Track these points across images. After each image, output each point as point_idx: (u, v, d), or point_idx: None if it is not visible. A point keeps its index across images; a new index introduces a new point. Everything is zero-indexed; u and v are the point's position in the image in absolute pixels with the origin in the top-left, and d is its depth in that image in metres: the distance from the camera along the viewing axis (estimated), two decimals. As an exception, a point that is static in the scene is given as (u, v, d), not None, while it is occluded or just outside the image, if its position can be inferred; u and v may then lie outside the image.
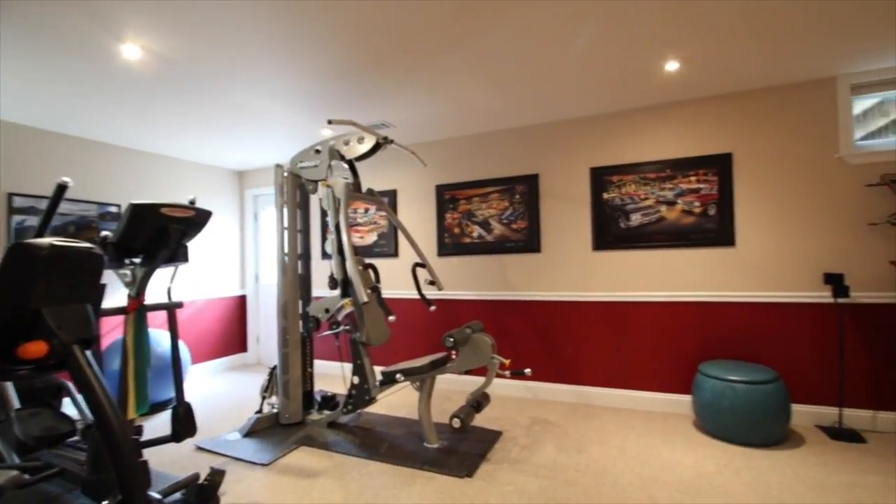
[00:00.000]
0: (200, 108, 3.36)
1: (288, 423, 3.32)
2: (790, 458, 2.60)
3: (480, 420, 3.36)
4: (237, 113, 3.47)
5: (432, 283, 3.36)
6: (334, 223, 3.07)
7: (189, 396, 4.15)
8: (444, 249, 4.27)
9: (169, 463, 2.76)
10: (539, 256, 3.88)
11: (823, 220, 3.05)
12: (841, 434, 2.87)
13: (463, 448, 2.83)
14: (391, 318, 2.78)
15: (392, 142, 3.07)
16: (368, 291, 2.85)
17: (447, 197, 4.26)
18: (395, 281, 4.52)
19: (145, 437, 2.90)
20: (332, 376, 4.73)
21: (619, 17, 2.22)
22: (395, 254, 4.54)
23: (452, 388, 4.21)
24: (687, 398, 3.38)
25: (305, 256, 3.56)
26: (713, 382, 2.90)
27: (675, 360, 3.43)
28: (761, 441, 2.76)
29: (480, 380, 4.08)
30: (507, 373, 2.84)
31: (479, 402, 2.84)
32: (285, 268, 3.35)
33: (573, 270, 3.76)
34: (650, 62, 2.73)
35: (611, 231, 3.60)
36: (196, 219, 2.13)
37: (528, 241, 3.90)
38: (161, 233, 2.06)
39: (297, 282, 3.40)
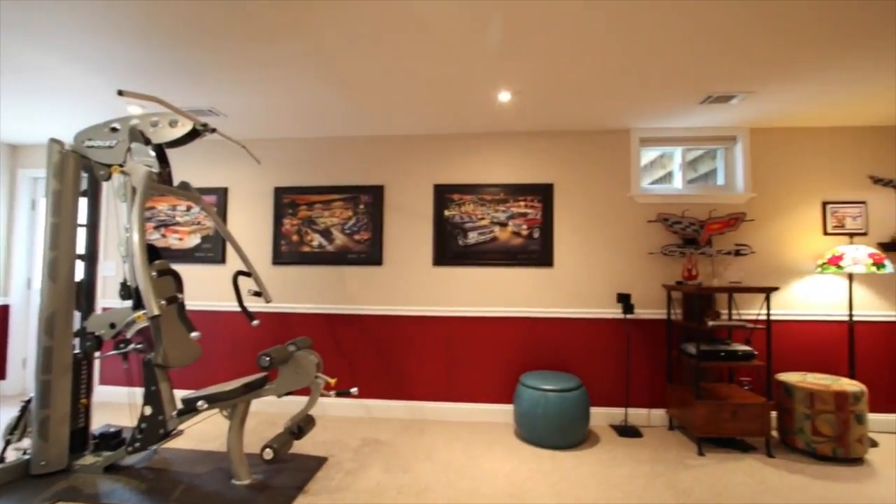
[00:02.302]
0: (-71, 50, 2.48)
1: (45, 472, 2.56)
2: (587, 457, 2.92)
3: (306, 445, 3.07)
4: (3, 65, 2.66)
5: (258, 294, 3.00)
6: (129, 219, 2.52)
7: None
8: (281, 258, 3.90)
9: None
10: (381, 270, 3.80)
11: (618, 248, 3.60)
12: (626, 431, 3.36)
13: (278, 481, 2.52)
14: (194, 334, 2.36)
15: (214, 130, 2.67)
16: (163, 303, 2.38)
17: (286, 201, 3.92)
18: (223, 291, 3.96)
19: None
20: (132, 406, 3.89)
21: (453, 40, 2.29)
22: (221, 260, 3.98)
23: (280, 411, 3.81)
24: (510, 408, 3.61)
25: (90, 258, 2.86)
26: (531, 392, 3.13)
27: (502, 372, 3.65)
28: (567, 443, 3.06)
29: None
30: (332, 393, 2.64)
31: (300, 426, 2.58)
32: (56, 271, 2.63)
33: (413, 285, 3.76)
34: (486, 89, 2.90)
35: (450, 247, 3.71)
36: None
37: (371, 254, 3.79)
38: None
39: (72, 289, 2.69)
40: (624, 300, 3.39)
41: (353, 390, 2.62)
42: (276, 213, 3.93)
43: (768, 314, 3.03)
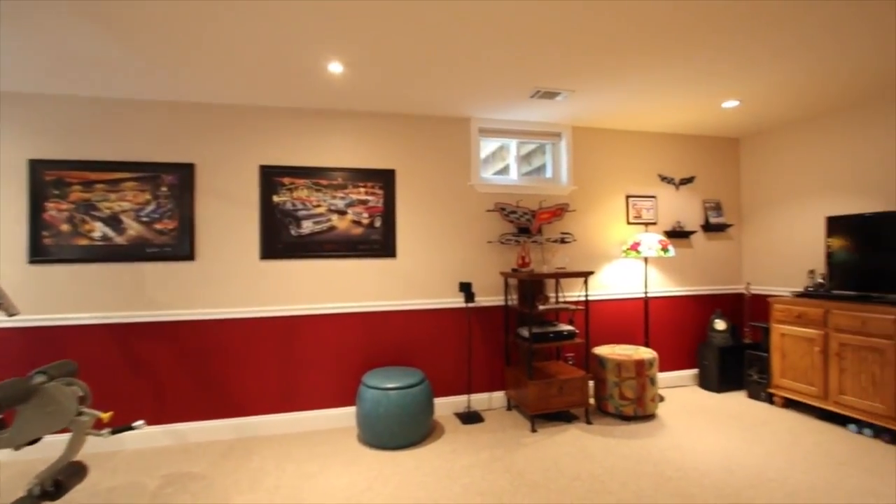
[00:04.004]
0: None
1: None
2: (430, 453, 2.84)
3: (80, 499, 2.35)
4: None
5: (-8, 306, 2.15)
6: None
7: None
8: (43, 254, 2.93)
9: None
10: (193, 265, 3.14)
11: (460, 237, 3.61)
12: (469, 417, 3.40)
13: (21, 562, 1.84)
14: None
15: None
16: None
17: (50, 179, 2.96)
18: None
19: None
20: None
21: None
22: (-60, 260, 2.83)
23: (45, 456, 2.90)
24: (354, 410, 3.36)
25: None
26: (372, 392, 2.92)
27: (344, 373, 3.37)
28: (411, 441, 2.94)
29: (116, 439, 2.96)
30: (106, 431, 2.03)
31: (58, 482, 1.92)
32: None
33: (237, 282, 3.21)
34: (313, 59, 2.53)
35: (281, 238, 3.25)
36: None
37: (178, 246, 3.11)
38: None
39: None
40: (466, 289, 3.41)
41: (138, 423, 2.05)
42: (33, 195, 2.93)
43: (586, 296, 3.35)
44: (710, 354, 3.99)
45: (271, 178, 3.24)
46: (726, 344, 3.97)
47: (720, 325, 4.01)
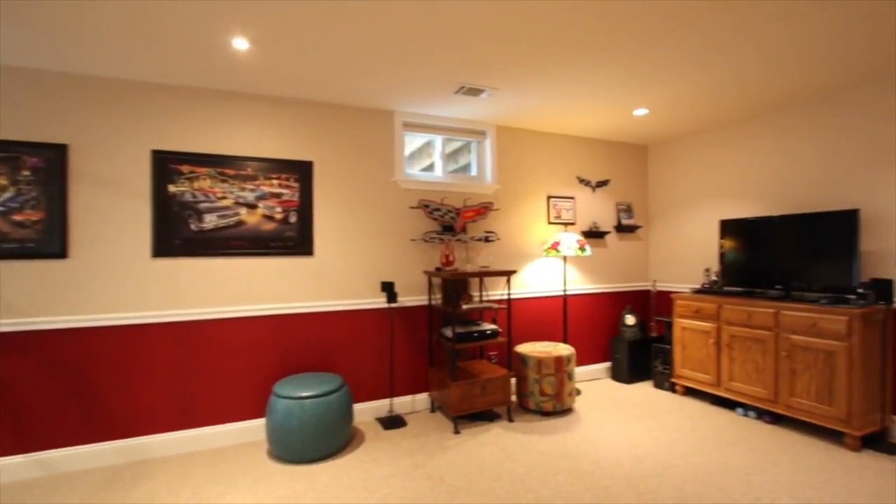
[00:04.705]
0: None
1: None
2: (348, 464, 2.68)
3: None
4: None
5: None
6: None
7: None
8: None
9: None
10: (65, 264, 2.68)
11: (382, 235, 3.47)
12: (391, 422, 3.27)
13: None
14: None
15: None
16: None
17: None
18: None
19: None
20: None
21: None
22: None
23: None
24: (263, 422, 3.09)
25: None
26: (285, 402, 2.69)
27: (255, 382, 3.08)
28: (327, 452, 2.75)
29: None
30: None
31: None
32: None
33: (123, 283, 2.79)
34: (213, 30, 2.25)
35: (179, 233, 2.89)
36: None
37: (46, 242, 2.63)
38: None
39: None
40: (388, 288, 3.27)
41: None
42: None
43: (509, 294, 3.37)
44: (622, 348, 4.23)
45: (166, 164, 2.86)
46: (635, 338, 4.23)
47: (630, 320, 4.27)
